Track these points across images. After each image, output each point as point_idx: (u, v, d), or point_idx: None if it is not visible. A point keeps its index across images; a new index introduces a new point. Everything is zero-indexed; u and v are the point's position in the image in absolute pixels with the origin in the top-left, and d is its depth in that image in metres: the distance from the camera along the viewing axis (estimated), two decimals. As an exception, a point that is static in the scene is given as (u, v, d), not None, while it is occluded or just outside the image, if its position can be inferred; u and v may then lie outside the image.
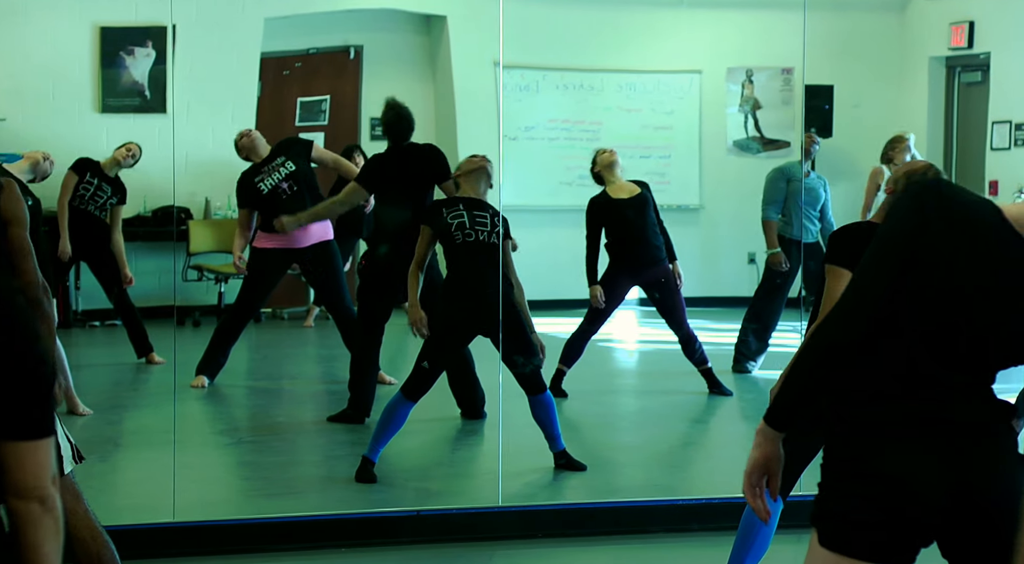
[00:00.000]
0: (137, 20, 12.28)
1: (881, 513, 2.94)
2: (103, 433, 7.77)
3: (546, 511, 6.20)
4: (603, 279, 8.80)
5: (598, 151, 9.11)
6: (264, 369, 10.61)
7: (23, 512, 2.55)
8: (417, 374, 6.56)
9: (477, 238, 6.69)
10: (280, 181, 8.91)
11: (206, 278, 11.95)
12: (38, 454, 2.55)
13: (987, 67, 13.26)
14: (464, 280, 6.69)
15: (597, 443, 7.84)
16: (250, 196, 9.02)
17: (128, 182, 10.09)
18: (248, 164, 9.12)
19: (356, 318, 8.08)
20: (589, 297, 8.79)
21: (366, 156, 11.75)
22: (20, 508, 2.55)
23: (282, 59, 13.50)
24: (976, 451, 2.95)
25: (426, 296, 6.96)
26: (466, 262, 6.69)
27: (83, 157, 9.94)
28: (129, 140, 10.18)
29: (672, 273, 8.85)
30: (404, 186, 7.82)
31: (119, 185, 9.92)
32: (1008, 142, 12.90)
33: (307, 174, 8.99)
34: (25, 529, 2.56)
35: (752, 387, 9.38)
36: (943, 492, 2.92)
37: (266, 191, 8.90)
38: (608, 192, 8.84)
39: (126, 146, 10.00)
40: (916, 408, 2.97)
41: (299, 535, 5.86)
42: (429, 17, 13.82)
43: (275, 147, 9.13)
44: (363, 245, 11.42)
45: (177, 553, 5.66)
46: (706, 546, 5.89)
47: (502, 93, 12.80)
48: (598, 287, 8.75)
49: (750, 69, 14.19)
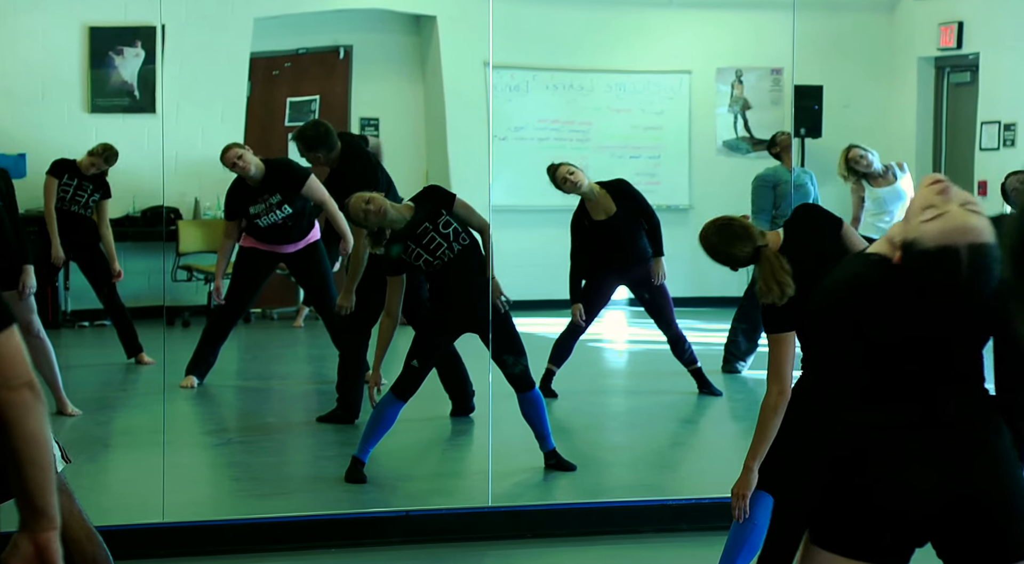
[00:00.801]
0: (126, 20, 12.26)
1: (878, 514, 2.95)
2: (93, 433, 7.76)
3: (536, 511, 6.20)
4: (590, 279, 8.78)
5: (556, 169, 8.62)
6: (254, 369, 10.60)
7: (16, 401, 2.55)
8: (407, 373, 6.56)
9: (443, 261, 6.65)
10: (277, 219, 8.79)
11: (195, 278, 11.93)
12: (9, 344, 2.57)
13: (976, 67, 13.29)
14: (449, 287, 6.70)
15: (587, 443, 7.84)
16: (239, 214, 8.91)
17: (117, 182, 10.07)
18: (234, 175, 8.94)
19: (344, 318, 8.08)
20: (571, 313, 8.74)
21: None
22: (12, 398, 2.55)
23: (271, 59, 13.48)
24: (971, 452, 2.96)
25: (408, 305, 6.98)
26: (446, 277, 6.69)
27: (59, 159, 9.89)
28: (118, 140, 10.16)
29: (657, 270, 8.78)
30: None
31: (100, 181, 9.88)
32: (997, 142, 12.93)
33: (303, 209, 8.85)
34: (18, 419, 2.55)
35: (741, 387, 9.38)
36: (941, 493, 2.93)
37: (264, 226, 8.81)
38: (587, 208, 8.73)
39: (101, 146, 9.92)
40: (910, 411, 2.98)
41: (289, 535, 5.85)
42: (419, 17, 13.81)
43: (268, 173, 8.81)
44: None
45: (167, 554, 5.65)
46: (696, 546, 5.89)
47: (492, 93, 12.79)
48: (579, 306, 8.69)
49: (740, 69, 14.20)
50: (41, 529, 2.65)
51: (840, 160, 9.87)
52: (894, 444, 2.97)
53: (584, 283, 8.79)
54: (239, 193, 8.90)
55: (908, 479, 2.94)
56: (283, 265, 9.16)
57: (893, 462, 2.96)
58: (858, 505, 2.97)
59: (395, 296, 6.66)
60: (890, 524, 2.96)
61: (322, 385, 9.12)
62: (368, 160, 8.64)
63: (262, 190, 8.77)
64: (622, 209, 8.66)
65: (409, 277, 6.82)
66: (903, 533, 2.97)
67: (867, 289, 2.98)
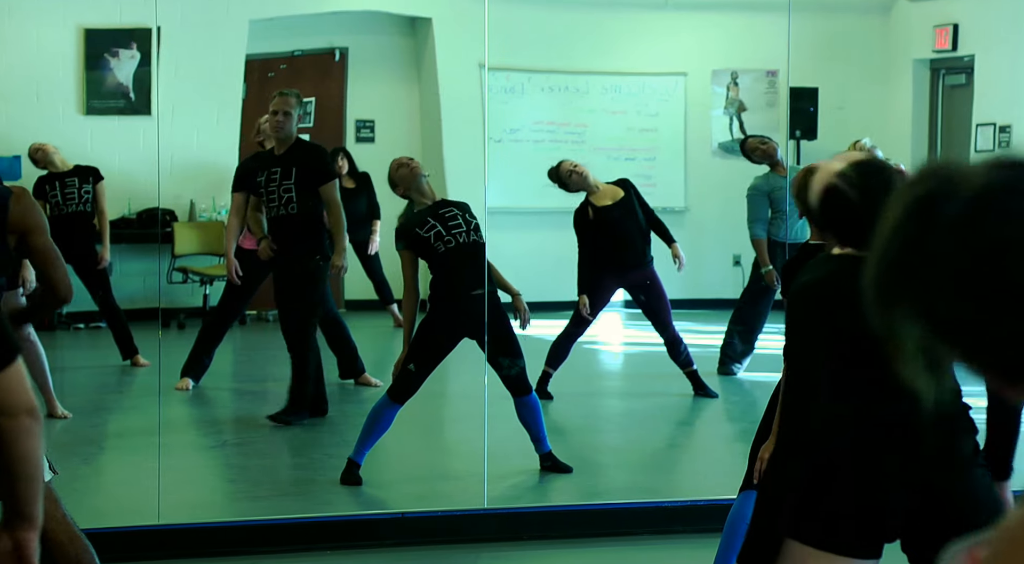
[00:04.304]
0: (122, 22, 12.26)
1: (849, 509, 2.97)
2: (88, 435, 7.75)
3: (532, 513, 6.20)
4: (589, 282, 8.79)
5: (559, 166, 8.85)
6: (249, 371, 10.59)
7: (15, 427, 2.63)
8: (403, 377, 6.55)
9: (457, 241, 6.67)
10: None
11: (191, 280, 11.93)
12: (12, 376, 2.62)
13: (971, 69, 13.30)
14: (449, 284, 6.69)
15: (583, 445, 7.84)
16: (249, 187, 8.22)
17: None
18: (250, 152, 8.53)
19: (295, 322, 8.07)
20: (577, 301, 8.78)
21: (352, 158, 11.75)
22: (12, 425, 2.63)
23: (267, 61, 13.48)
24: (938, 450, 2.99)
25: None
26: (451, 267, 6.68)
27: (35, 183, 9.79)
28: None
29: (656, 277, 8.85)
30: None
31: (83, 170, 9.86)
32: (992, 144, 12.94)
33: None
34: (15, 441, 2.63)
35: (738, 389, 9.39)
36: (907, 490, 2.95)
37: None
38: (591, 200, 8.81)
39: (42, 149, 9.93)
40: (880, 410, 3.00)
41: (284, 537, 5.85)
42: (414, 19, 13.82)
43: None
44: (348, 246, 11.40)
45: (162, 556, 5.65)
46: (691, 548, 5.89)
47: (487, 95, 12.79)
48: (586, 298, 8.73)
49: (735, 71, 14.21)
50: (23, 529, 2.76)
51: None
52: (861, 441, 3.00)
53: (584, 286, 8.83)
54: (250, 169, 8.26)
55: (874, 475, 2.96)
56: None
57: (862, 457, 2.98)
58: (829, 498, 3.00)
59: (409, 271, 6.70)
60: (858, 519, 2.99)
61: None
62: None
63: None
64: (628, 196, 8.81)
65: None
66: (871, 528, 3.00)
67: (841, 287, 3.03)
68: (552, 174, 8.88)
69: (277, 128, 7.86)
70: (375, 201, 11.28)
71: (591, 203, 8.78)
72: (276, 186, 7.87)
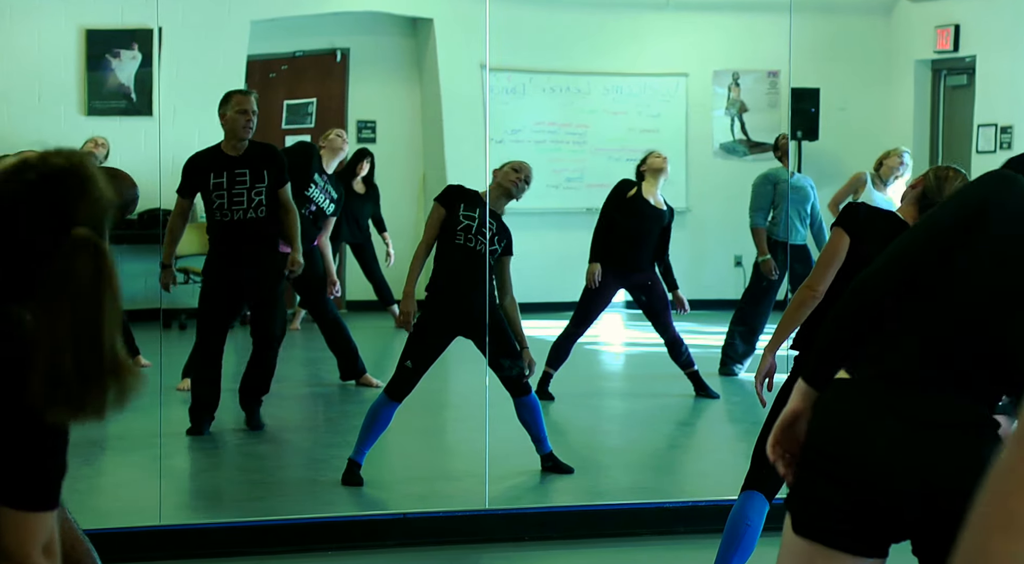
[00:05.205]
0: (123, 23, 12.26)
1: (850, 504, 2.95)
2: (89, 436, 7.74)
3: (533, 514, 6.20)
4: (600, 251, 8.82)
5: (651, 153, 9.17)
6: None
7: None
8: (400, 374, 6.56)
9: (475, 247, 6.70)
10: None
11: (192, 281, 11.91)
12: (28, 524, 2.40)
13: (973, 70, 13.30)
14: (448, 280, 6.70)
15: (584, 446, 7.84)
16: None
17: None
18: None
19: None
20: (577, 301, 8.78)
21: (374, 163, 11.55)
22: None
23: (268, 62, 13.48)
24: (950, 452, 2.94)
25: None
26: (455, 263, 6.70)
27: None
28: (115, 143, 10.16)
29: (658, 278, 8.86)
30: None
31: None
32: (994, 145, 12.93)
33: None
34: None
35: (739, 390, 9.39)
36: (912, 488, 2.92)
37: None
38: (643, 186, 8.91)
39: (93, 141, 9.92)
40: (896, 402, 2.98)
41: (285, 538, 5.85)
42: (416, 20, 13.82)
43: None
44: (347, 248, 11.40)
45: (164, 556, 5.65)
46: (692, 548, 5.89)
47: (488, 96, 12.79)
48: (597, 265, 8.76)
49: (736, 72, 14.20)
50: None
51: (880, 158, 9.77)
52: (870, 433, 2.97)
53: (584, 288, 8.82)
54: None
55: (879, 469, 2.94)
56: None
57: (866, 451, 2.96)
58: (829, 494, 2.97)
59: (433, 229, 6.76)
60: (859, 514, 2.96)
61: (318, 387, 9.12)
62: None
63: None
64: (665, 214, 8.94)
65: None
66: (873, 524, 2.97)
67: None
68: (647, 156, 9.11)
69: (247, 127, 7.59)
70: (379, 208, 11.21)
71: (640, 188, 8.84)
72: (245, 188, 7.61)
